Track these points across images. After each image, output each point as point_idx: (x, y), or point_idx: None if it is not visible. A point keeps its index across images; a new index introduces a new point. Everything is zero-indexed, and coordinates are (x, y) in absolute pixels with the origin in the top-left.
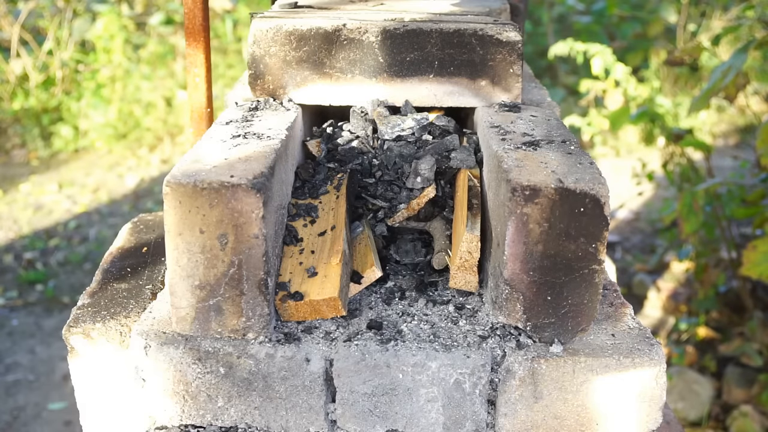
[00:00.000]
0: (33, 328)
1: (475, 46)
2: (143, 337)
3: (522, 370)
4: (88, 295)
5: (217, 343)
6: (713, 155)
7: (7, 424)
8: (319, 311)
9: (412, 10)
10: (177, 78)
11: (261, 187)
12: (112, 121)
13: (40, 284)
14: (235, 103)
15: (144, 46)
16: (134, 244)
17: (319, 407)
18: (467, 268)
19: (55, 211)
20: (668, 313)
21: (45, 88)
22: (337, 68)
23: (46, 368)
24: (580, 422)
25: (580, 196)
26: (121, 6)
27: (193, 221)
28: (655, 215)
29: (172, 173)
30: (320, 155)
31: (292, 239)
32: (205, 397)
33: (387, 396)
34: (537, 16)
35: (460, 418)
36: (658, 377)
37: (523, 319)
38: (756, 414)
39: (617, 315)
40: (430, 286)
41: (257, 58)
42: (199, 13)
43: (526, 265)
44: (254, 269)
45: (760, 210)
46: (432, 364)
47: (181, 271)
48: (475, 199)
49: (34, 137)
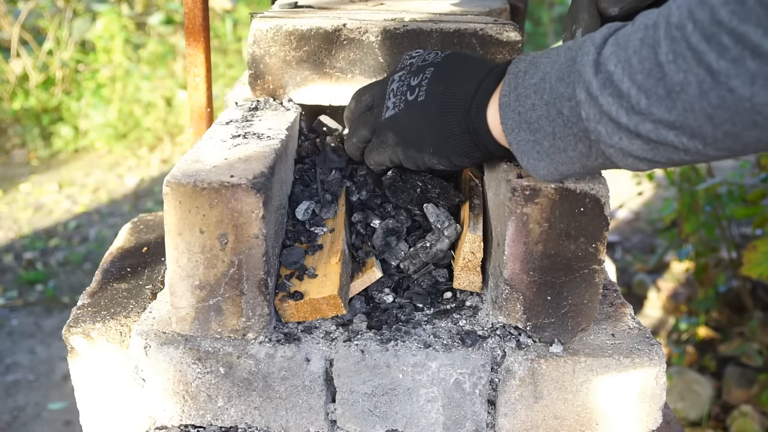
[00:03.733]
0: (33, 328)
1: (475, 46)
2: (143, 337)
3: (522, 370)
4: (88, 295)
5: (217, 343)
6: None
7: (7, 424)
8: (320, 310)
9: (412, 10)
10: (177, 78)
11: (261, 187)
12: (112, 121)
13: (40, 284)
14: (235, 103)
15: (144, 46)
16: (134, 244)
17: (319, 407)
18: (471, 268)
19: (55, 211)
20: (668, 313)
21: (45, 88)
22: (337, 68)
23: (46, 368)
24: (580, 422)
25: (580, 196)
26: (121, 6)
27: (193, 221)
28: (655, 215)
29: (172, 173)
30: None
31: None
32: (205, 397)
33: (387, 396)
34: (537, 16)
35: (460, 418)
36: (658, 377)
37: (523, 319)
38: (756, 414)
39: (617, 315)
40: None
41: (257, 58)
42: (199, 13)
43: (526, 265)
44: (254, 269)
45: (760, 210)
46: (432, 364)
47: (181, 271)
48: (477, 200)
49: (34, 137)
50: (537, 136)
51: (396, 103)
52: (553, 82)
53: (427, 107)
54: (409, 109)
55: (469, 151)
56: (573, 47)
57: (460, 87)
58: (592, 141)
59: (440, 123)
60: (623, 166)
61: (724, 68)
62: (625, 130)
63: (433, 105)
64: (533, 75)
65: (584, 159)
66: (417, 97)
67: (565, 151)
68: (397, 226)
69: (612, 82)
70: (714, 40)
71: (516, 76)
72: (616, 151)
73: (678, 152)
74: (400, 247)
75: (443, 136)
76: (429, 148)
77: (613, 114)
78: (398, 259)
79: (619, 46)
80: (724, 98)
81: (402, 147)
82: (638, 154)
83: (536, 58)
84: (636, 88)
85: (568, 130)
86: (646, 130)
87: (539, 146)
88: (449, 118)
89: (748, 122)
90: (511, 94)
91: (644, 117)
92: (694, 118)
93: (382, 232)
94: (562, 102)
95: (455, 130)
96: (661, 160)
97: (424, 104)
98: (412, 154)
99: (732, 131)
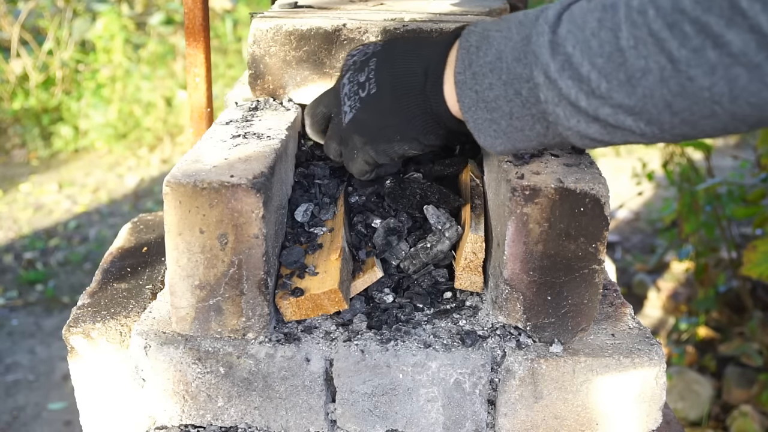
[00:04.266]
0: (33, 328)
1: None
2: (143, 337)
3: (522, 370)
4: (88, 295)
5: (217, 343)
6: (713, 155)
7: (7, 424)
8: (321, 306)
9: (412, 10)
10: (177, 78)
11: (261, 187)
12: (112, 121)
13: (40, 284)
14: (235, 103)
15: (144, 46)
16: (134, 244)
17: (319, 407)
18: (472, 268)
19: (55, 211)
20: (668, 313)
21: (45, 88)
22: (337, 68)
23: (46, 368)
24: (580, 422)
25: (580, 196)
26: (121, 6)
27: (193, 221)
28: (655, 215)
29: (172, 173)
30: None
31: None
32: (205, 397)
33: (387, 396)
34: None
35: (460, 418)
36: (658, 377)
37: (523, 319)
38: (756, 414)
39: (617, 315)
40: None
41: (257, 58)
42: (199, 13)
43: (526, 265)
44: (254, 269)
45: (760, 210)
46: (432, 364)
47: (181, 271)
48: (478, 200)
49: (34, 137)
50: (494, 115)
51: (352, 106)
52: (509, 61)
53: (381, 97)
54: (365, 106)
55: (433, 129)
56: (525, 22)
57: (408, 67)
58: (550, 123)
59: (398, 108)
60: (579, 146)
61: (685, 57)
62: (584, 113)
63: (386, 92)
64: (487, 52)
65: (541, 138)
66: (369, 91)
67: (522, 130)
68: (398, 225)
69: (571, 65)
70: (676, 28)
71: (468, 51)
72: (573, 134)
73: (634, 136)
74: (401, 247)
75: (406, 119)
76: (396, 136)
77: (572, 98)
78: (399, 258)
79: (575, 25)
80: (684, 86)
81: (371, 145)
82: (595, 136)
83: (486, 30)
84: (597, 72)
85: (526, 110)
86: (605, 114)
87: (496, 125)
88: (406, 100)
89: (706, 111)
90: (466, 72)
91: (604, 101)
92: (654, 105)
93: (383, 231)
94: (520, 83)
95: (415, 111)
96: (617, 143)
97: (377, 95)
98: (383, 147)
99: (690, 119)
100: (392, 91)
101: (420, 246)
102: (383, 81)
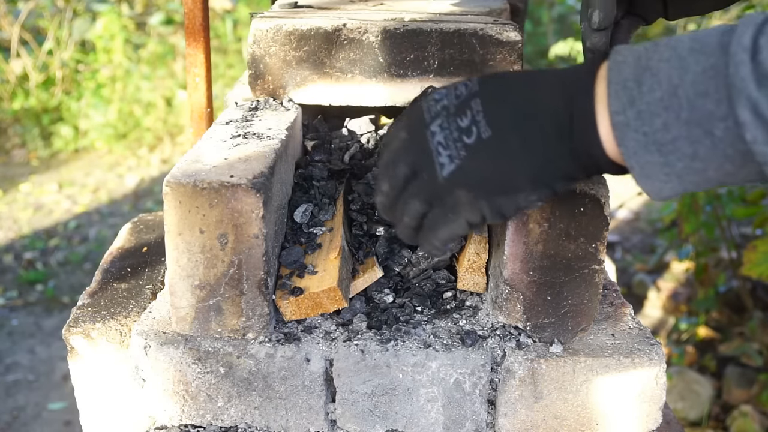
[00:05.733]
0: (33, 328)
1: (475, 46)
2: (143, 337)
3: (522, 370)
4: (88, 295)
5: (217, 343)
6: None
7: (7, 424)
8: (321, 304)
9: (412, 10)
10: (177, 78)
11: (261, 187)
12: (112, 121)
13: (40, 284)
14: (235, 103)
15: (144, 46)
16: (134, 244)
17: (319, 407)
18: (475, 269)
19: (55, 211)
20: (668, 313)
21: (45, 88)
22: (337, 68)
23: (46, 368)
24: (580, 422)
25: (579, 195)
26: (121, 6)
27: (193, 221)
28: (655, 215)
29: (172, 173)
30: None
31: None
32: (205, 397)
33: (387, 396)
34: (537, 16)
35: (460, 418)
36: (658, 377)
37: (523, 319)
38: (756, 414)
39: (617, 315)
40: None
41: (257, 58)
42: (199, 13)
43: (526, 265)
44: (254, 269)
45: (760, 210)
46: (432, 364)
47: (181, 271)
48: None
49: (34, 137)
50: (669, 158)
51: (453, 155)
52: (691, 97)
53: (502, 140)
54: (475, 154)
55: (576, 173)
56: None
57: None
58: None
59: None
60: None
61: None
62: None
63: (508, 134)
64: (653, 87)
65: (725, 177)
66: (480, 136)
67: (704, 171)
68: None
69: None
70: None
71: (625, 86)
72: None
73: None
74: (403, 254)
75: (540, 164)
76: (525, 185)
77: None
78: (401, 265)
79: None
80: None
81: (485, 199)
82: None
83: (644, 60)
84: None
85: (719, 151)
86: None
87: (669, 168)
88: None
89: None
90: (627, 111)
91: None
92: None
93: (384, 240)
94: (712, 122)
95: (551, 156)
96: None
97: (494, 139)
98: (502, 201)
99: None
100: (517, 132)
101: (421, 254)
102: (500, 122)
